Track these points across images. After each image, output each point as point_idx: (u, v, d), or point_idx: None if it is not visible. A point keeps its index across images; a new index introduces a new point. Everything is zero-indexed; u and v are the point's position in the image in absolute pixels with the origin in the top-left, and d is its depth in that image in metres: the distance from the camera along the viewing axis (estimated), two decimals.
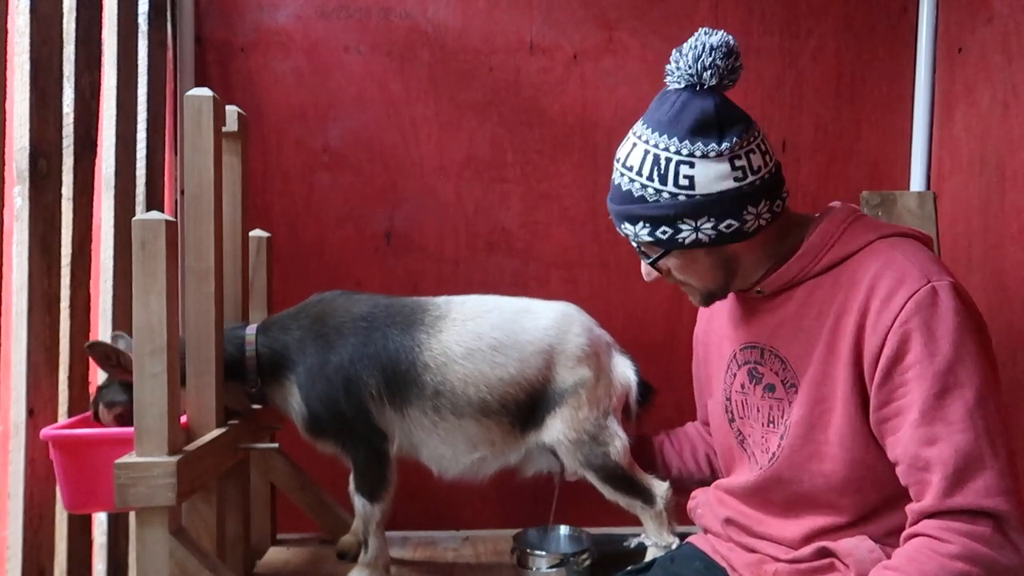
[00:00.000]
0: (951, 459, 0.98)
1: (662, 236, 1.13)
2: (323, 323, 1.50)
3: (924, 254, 1.10)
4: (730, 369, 1.29)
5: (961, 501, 0.98)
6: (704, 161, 1.10)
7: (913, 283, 1.04)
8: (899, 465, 1.05)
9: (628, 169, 1.15)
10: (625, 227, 1.17)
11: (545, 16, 2.05)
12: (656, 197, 1.12)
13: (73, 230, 1.47)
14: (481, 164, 2.06)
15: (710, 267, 1.18)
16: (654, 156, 1.11)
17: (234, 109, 1.57)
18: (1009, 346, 1.78)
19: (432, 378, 1.45)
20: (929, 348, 1.01)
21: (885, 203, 2.06)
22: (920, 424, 1.01)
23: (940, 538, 0.98)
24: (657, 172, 1.11)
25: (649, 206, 1.12)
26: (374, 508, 1.49)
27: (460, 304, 1.53)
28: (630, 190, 1.14)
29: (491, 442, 1.50)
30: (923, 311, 1.02)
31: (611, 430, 1.46)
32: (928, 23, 2.06)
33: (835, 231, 1.15)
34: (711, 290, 1.22)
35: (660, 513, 1.46)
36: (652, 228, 1.13)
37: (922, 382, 1.01)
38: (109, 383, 1.43)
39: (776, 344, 1.20)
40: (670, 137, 1.11)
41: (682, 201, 1.10)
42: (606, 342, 1.55)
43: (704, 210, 1.10)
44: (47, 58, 1.39)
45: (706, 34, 1.12)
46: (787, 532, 1.19)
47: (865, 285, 1.08)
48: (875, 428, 1.08)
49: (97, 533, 1.58)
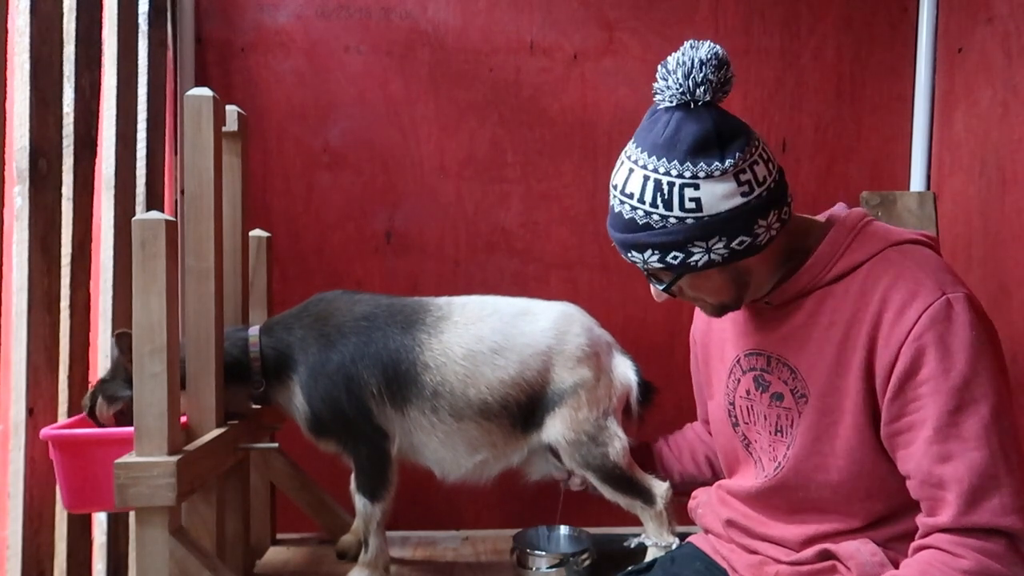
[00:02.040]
0: (966, 477, 0.97)
1: (673, 261, 1.08)
2: (325, 322, 1.50)
3: (936, 263, 1.08)
4: (733, 374, 1.27)
5: (976, 520, 0.97)
6: (709, 181, 1.04)
7: (927, 295, 1.02)
8: (911, 480, 1.03)
9: (628, 197, 1.08)
10: (633, 255, 1.11)
11: (545, 16, 2.05)
12: (663, 223, 1.06)
13: (73, 230, 1.47)
14: (481, 164, 2.06)
15: (724, 283, 1.14)
16: (655, 181, 1.06)
17: (234, 109, 1.57)
18: (1009, 346, 1.78)
19: (432, 378, 1.46)
20: (944, 363, 0.99)
21: (885, 203, 2.06)
22: (934, 441, 0.99)
23: (954, 552, 0.97)
24: (661, 198, 1.05)
25: (656, 232, 1.07)
26: (375, 508, 1.49)
27: (461, 305, 1.53)
28: (633, 218, 1.08)
29: (492, 444, 1.50)
30: (938, 325, 1.00)
31: (611, 431, 1.46)
32: (928, 23, 2.06)
33: (844, 239, 1.13)
34: (725, 303, 1.18)
35: (660, 513, 1.46)
36: (662, 254, 1.08)
37: (937, 397, 0.99)
38: (113, 376, 1.42)
39: (785, 353, 1.17)
40: (669, 160, 1.05)
41: (691, 224, 1.05)
42: (606, 342, 1.55)
43: (715, 230, 1.05)
44: (47, 58, 1.39)
45: (693, 47, 1.06)
46: (789, 535, 1.19)
47: (877, 297, 1.06)
48: (886, 441, 1.06)
49: (97, 533, 1.58)
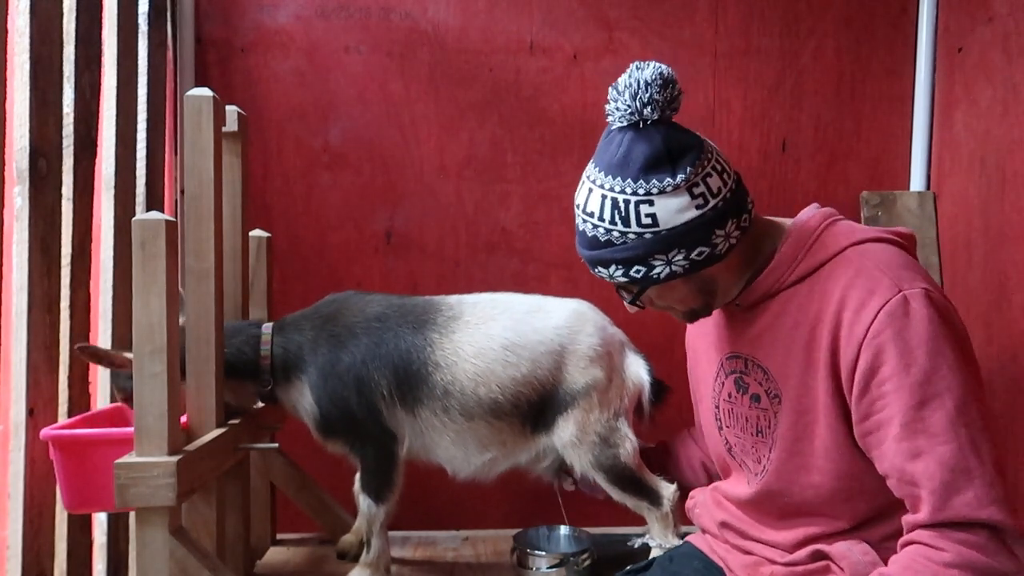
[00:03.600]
0: (937, 473, 0.97)
1: (636, 275, 1.11)
2: (335, 323, 1.50)
3: (898, 259, 1.08)
4: (718, 377, 1.28)
5: (952, 515, 0.97)
6: (662, 197, 1.07)
7: (884, 293, 1.02)
8: (889, 479, 1.04)
9: (589, 216, 1.12)
10: (599, 271, 1.15)
11: (545, 16, 2.05)
12: (623, 239, 1.10)
13: (73, 230, 1.47)
14: (481, 164, 2.06)
15: (689, 292, 1.17)
16: (612, 200, 1.09)
17: (234, 109, 1.57)
18: (1009, 346, 1.78)
19: (443, 377, 1.45)
20: (904, 359, 1.00)
21: (885, 203, 2.06)
22: (903, 437, 0.99)
23: (935, 546, 0.98)
24: (618, 215, 1.09)
25: (617, 248, 1.11)
26: (379, 509, 1.49)
27: (472, 304, 1.52)
28: (596, 235, 1.12)
29: (502, 443, 1.49)
30: (895, 322, 1.01)
31: (622, 432, 1.46)
32: (928, 23, 2.06)
33: (807, 240, 1.14)
34: (695, 309, 1.21)
35: (666, 515, 1.46)
36: (625, 269, 1.11)
37: (900, 394, 1.00)
38: None
39: (757, 355, 1.19)
40: (624, 179, 1.08)
41: (649, 239, 1.09)
42: (619, 341, 1.54)
43: (673, 243, 1.09)
44: (47, 58, 1.39)
45: (638, 69, 1.09)
46: (781, 539, 1.19)
47: (836, 296, 1.07)
48: (860, 441, 1.07)
49: (97, 533, 1.57)
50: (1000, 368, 1.79)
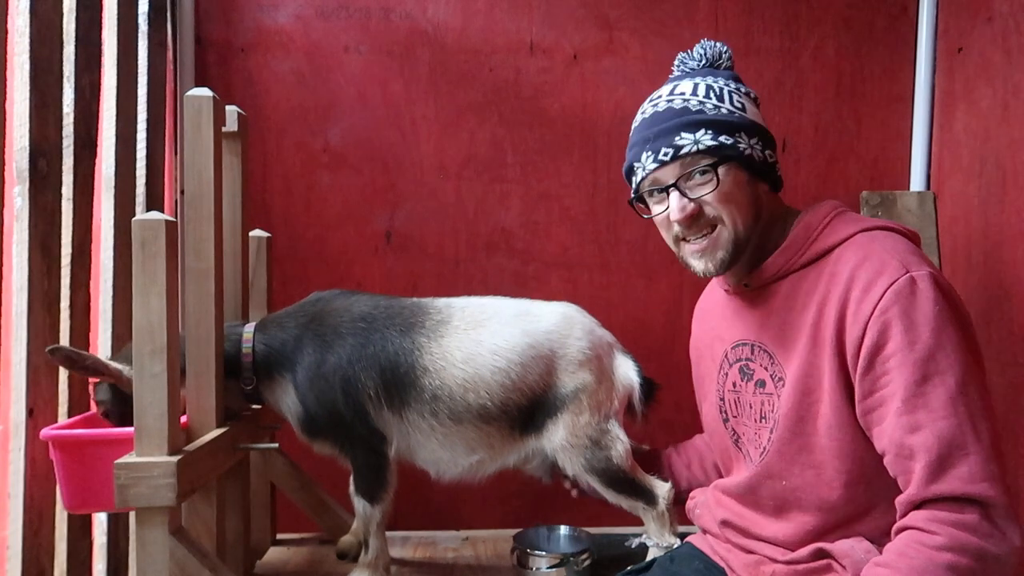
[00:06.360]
0: (934, 446, 0.98)
1: (726, 141, 1.16)
2: (321, 323, 1.49)
3: (904, 246, 1.11)
4: (722, 369, 1.30)
5: (945, 488, 0.98)
6: (747, 98, 1.22)
7: (892, 273, 1.05)
8: (886, 456, 1.05)
9: (679, 95, 1.20)
10: (682, 137, 1.16)
11: (545, 16, 2.05)
12: (716, 111, 1.17)
13: (73, 230, 1.47)
14: (481, 164, 2.06)
15: (747, 201, 1.18)
16: (707, 85, 1.20)
17: (234, 109, 1.57)
18: (1009, 346, 1.78)
19: (431, 382, 1.44)
20: (909, 336, 1.02)
21: (885, 203, 2.06)
22: (903, 412, 1.01)
23: (927, 530, 0.98)
24: (714, 94, 1.19)
25: (710, 115, 1.17)
26: (374, 509, 1.49)
27: (461, 308, 1.52)
28: (685, 106, 1.18)
29: (490, 445, 1.49)
30: (902, 300, 1.03)
31: (613, 434, 1.46)
32: (928, 23, 2.06)
33: (818, 224, 1.18)
34: (738, 234, 1.18)
35: (663, 514, 1.46)
36: (715, 133, 1.16)
37: (903, 370, 1.02)
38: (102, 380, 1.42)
39: (763, 339, 1.21)
40: (715, 76, 1.22)
41: (739, 118, 1.18)
42: (607, 343, 1.54)
43: (754, 132, 1.18)
44: (47, 58, 1.39)
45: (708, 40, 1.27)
46: (781, 534, 1.19)
47: (845, 276, 1.10)
48: (861, 420, 1.08)
49: (97, 533, 1.58)
50: (1000, 368, 1.79)
